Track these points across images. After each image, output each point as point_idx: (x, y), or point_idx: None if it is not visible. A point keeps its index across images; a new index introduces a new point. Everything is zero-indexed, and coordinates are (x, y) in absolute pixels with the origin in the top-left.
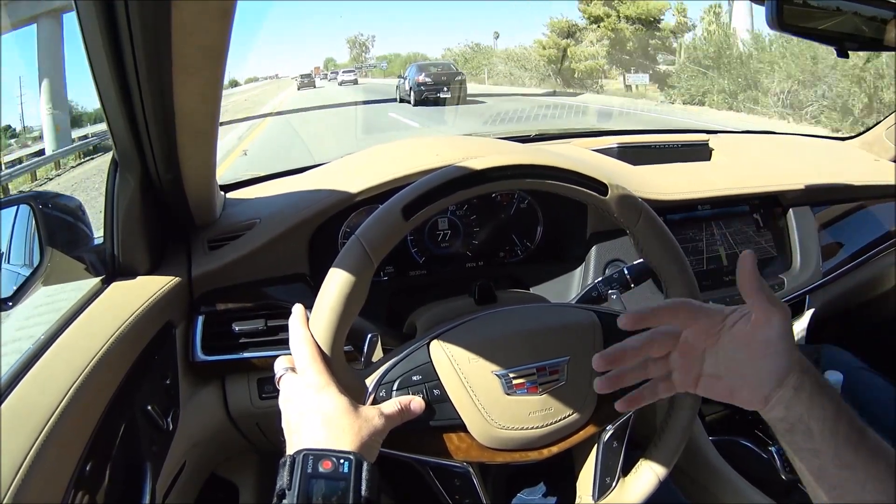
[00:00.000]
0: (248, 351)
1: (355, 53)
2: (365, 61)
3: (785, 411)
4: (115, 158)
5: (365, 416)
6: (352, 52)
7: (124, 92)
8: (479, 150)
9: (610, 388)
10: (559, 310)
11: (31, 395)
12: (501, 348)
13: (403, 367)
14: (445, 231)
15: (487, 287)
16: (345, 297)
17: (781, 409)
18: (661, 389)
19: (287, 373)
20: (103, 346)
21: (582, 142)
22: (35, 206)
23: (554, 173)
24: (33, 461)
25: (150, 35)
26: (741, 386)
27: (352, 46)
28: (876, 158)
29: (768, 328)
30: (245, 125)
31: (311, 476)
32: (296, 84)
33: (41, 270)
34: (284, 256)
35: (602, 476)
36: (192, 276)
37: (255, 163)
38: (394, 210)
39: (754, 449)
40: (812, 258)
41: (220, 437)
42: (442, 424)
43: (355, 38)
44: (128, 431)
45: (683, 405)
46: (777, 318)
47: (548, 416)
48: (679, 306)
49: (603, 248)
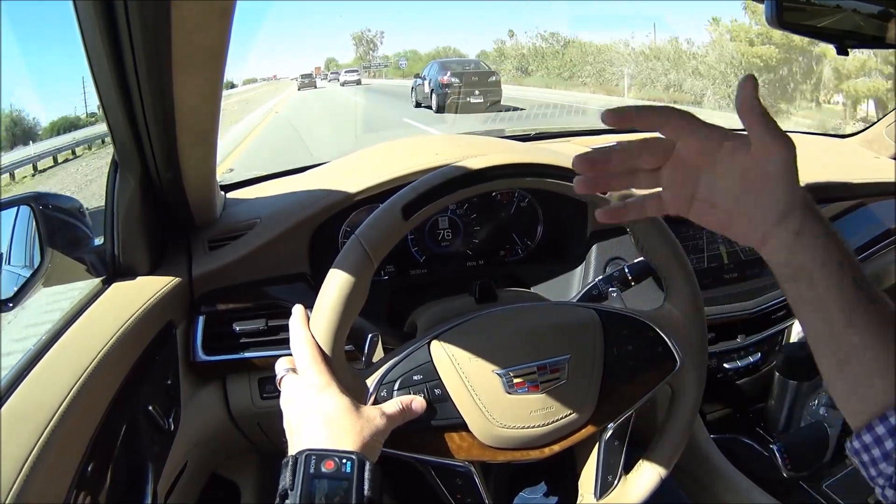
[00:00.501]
0: (249, 351)
1: (361, 52)
2: (372, 60)
3: (788, 256)
4: (115, 158)
5: (366, 416)
6: (357, 51)
7: (124, 92)
8: (478, 149)
9: (588, 191)
10: (560, 308)
11: (32, 395)
12: (502, 347)
13: (404, 367)
14: (446, 230)
15: (488, 286)
16: (345, 297)
17: (784, 253)
18: (650, 207)
19: (288, 374)
20: (104, 346)
21: (582, 140)
22: (35, 207)
23: (554, 171)
24: (35, 462)
25: (149, 34)
26: (737, 218)
27: (357, 43)
28: (876, 156)
29: (767, 162)
30: (239, 127)
31: (313, 476)
32: (296, 84)
33: (42, 271)
34: (285, 256)
35: (604, 475)
36: (192, 276)
37: (253, 163)
38: (393, 210)
39: (755, 447)
40: None
41: (222, 437)
42: (443, 424)
43: (361, 34)
44: (129, 432)
45: (684, 403)
46: (778, 151)
47: (549, 414)
48: (670, 112)
49: (603, 246)
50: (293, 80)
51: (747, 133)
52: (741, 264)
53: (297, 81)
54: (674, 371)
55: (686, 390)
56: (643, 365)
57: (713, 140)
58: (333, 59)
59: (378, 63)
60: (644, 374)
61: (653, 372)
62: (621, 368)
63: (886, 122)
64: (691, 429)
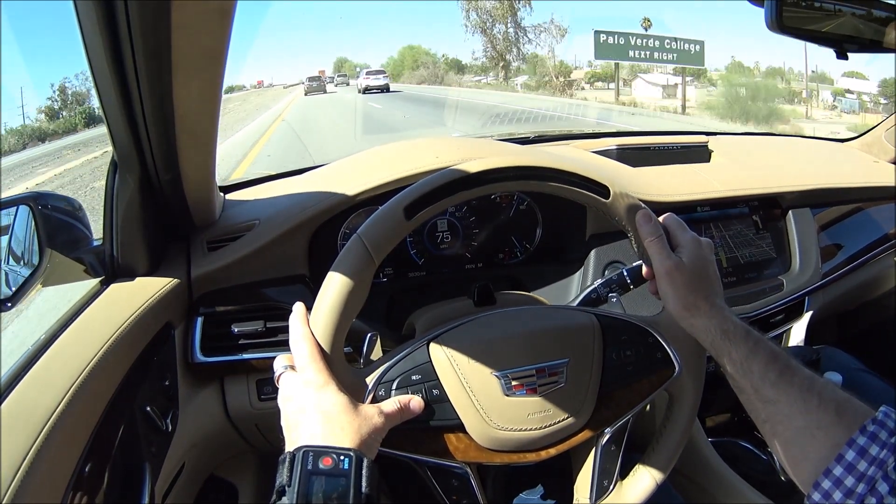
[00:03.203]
0: (248, 352)
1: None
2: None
3: (703, 343)
4: (115, 159)
5: (364, 415)
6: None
7: (124, 93)
8: (478, 152)
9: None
10: (560, 312)
11: (30, 396)
12: (501, 349)
13: (403, 367)
14: (445, 232)
15: (487, 289)
16: (346, 295)
17: (699, 340)
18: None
19: (286, 371)
20: (102, 347)
21: (581, 143)
22: (34, 207)
23: (557, 175)
24: (32, 462)
25: (149, 36)
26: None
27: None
28: (875, 160)
29: (658, 277)
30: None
31: (311, 472)
32: (291, 93)
33: (40, 271)
34: (284, 258)
35: (600, 479)
36: (191, 277)
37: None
38: (396, 209)
39: (754, 450)
40: (811, 260)
41: (220, 438)
42: (441, 424)
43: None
44: (127, 432)
45: (682, 409)
46: (661, 271)
47: (546, 417)
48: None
49: (602, 250)
50: (288, 88)
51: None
52: (740, 268)
53: (304, 85)
54: (672, 377)
55: (684, 397)
56: (642, 371)
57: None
58: (344, 59)
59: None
60: (642, 380)
61: (651, 378)
62: (620, 374)
63: (886, 127)
64: (688, 435)
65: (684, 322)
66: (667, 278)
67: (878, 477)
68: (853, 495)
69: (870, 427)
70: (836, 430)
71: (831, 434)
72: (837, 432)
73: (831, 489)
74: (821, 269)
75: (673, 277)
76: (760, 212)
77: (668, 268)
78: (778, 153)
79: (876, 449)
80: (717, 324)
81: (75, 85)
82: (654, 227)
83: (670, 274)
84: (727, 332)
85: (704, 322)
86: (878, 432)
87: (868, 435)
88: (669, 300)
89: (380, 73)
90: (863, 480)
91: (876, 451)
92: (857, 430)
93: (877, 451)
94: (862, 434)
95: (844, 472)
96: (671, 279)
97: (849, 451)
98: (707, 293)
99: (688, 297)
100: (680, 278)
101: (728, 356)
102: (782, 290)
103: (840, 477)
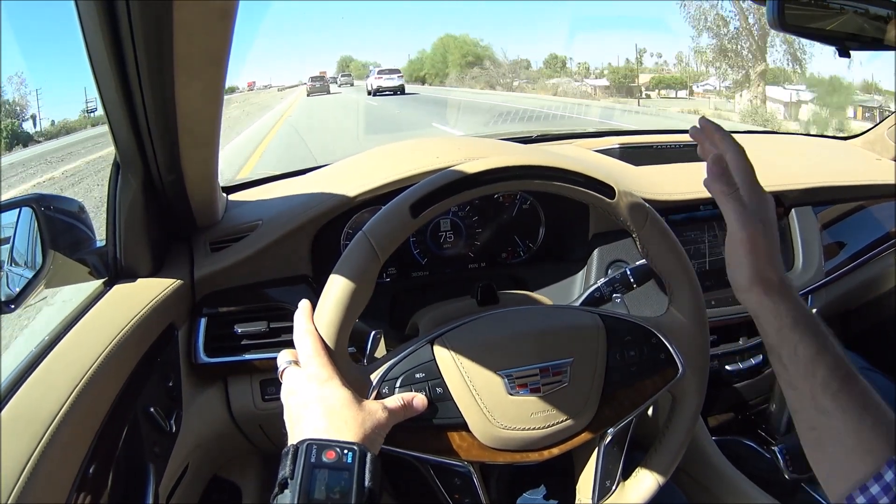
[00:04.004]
0: (251, 353)
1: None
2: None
3: (766, 328)
4: (117, 160)
5: (368, 410)
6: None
7: (126, 93)
8: (480, 152)
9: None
10: (563, 311)
11: (34, 397)
12: (505, 348)
13: (407, 365)
14: (448, 232)
15: (490, 288)
16: (350, 291)
17: (762, 323)
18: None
19: (290, 366)
20: (106, 348)
21: (583, 142)
22: (37, 209)
23: (562, 175)
24: (36, 464)
25: (151, 36)
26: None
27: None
28: (878, 158)
29: (733, 242)
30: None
31: (314, 466)
32: (288, 96)
33: (43, 273)
34: (287, 258)
35: (602, 479)
36: (194, 277)
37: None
38: (402, 207)
39: (757, 449)
40: (814, 258)
41: (223, 439)
42: (444, 423)
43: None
44: (131, 433)
45: (685, 410)
46: (741, 236)
47: (549, 417)
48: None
49: (605, 249)
50: (280, 91)
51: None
52: None
53: (306, 85)
54: (676, 378)
55: (687, 398)
56: (645, 371)
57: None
58: (349, 58)
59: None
60: (646, 381)
61: (655, 378)
62: (623, 374)
63: (888, 125)
64: (691, 436)
65: (752, 299)
66: (747, 245)
67: None
68: None
69: None
70: (882, 455)
71: (878, 457)
72: (883, 456)
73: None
74: (823, 268)
75: (755, 244)
76: None
77: (750, 233)
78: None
79: None
80: (789, 308)
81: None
82: (729, 179)
83: (753, 240)
84: (798, 321)
85: (776, 303)
86: None
87: None
88: (744, 270)
89: (393, 72)
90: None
91: None
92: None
93: None
94: None
95: (881, 492)
96: (753, 246)
97: (889, 471)
98: (779, 267)
99: (765, 271)
100: (762, 246)
101: (793, 350)
102: None
103: (875, 496)
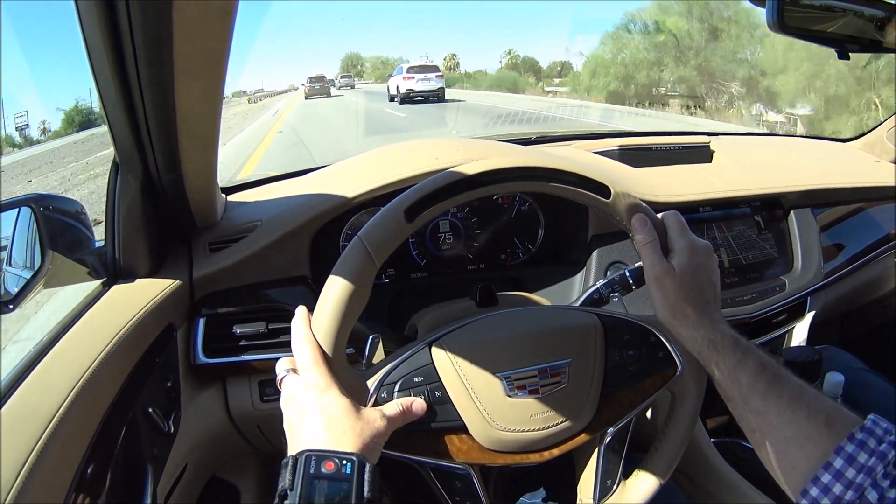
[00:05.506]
0: (249, 353)
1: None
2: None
3: (691, 353)
4: (116, 160)
5: (367, 418)
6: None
7: (125, 93)
8: (479, 153)
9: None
10: (561, 312)
11: (32, 397)
12: (503, 350)
13: (405, 369)
14: (447, 233)
15: (489, 290)
16: (347, 298)
17: (687, 349)
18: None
19: (289, 374)
20: (104, 348)
21: (583, 144)
22: (36, 209)
23: (558, 176)
24: (35, 464)
25: (151, 36)
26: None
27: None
28: (877, 160)
29: (648, 281)
30: None
31: (313, 477)
32: (285, 100)
33: (42, 273)
34: (286, 259)
35: (602, 480)
36: (193, 278)
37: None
38: (397, 212)
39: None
40: (813, 260)
41: (222, 440)
42: (443, 426)
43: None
44: (129, 434)
45: (685, 409)
46: (650, 275)
47: (549, 418)
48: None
49: (604, 250)
50: (277, 96)
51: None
52: (742, 269)
53: (304, 87)
54: (675, 377)
55: (686, 396)
56: (644, 370)
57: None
58: (356, 55)
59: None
60: (645, 380)
61: (654, 378)
62: (622, 374)
63: (887, 127)
64: (691, 435)
65: (673, 330)
66: (655, 284)
67: (866, 484)
68: (842, 502)
69: (858, 435)
70: (826, 441)
71: (821, 444)
72: (827, 442)
73: (819, 496)
74: (823, 270)
75: (662, 284)
76: (762, 212)
77: (657, 274)
78: (779, 153)
79: (864, 456)
80: (703, 334)
81: None
82: (649, 231)
83: (659, 280)
84: (714, 343)
85: (691, 332)
86: (866, 440)
87: (856, 443)
88: (657, 307)
89: (430, 69)
90: (851, 488)
91: (864, 458)
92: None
93: (865, 458)
94: (850, 441)
95: (833, 480)
96: (659, 285)
97: (836, 458)
98: (696, 301)
99: (676, 305)
100: (669, 285)
101: (716, 366)
102: (784, 290)
103: (828, 484)
